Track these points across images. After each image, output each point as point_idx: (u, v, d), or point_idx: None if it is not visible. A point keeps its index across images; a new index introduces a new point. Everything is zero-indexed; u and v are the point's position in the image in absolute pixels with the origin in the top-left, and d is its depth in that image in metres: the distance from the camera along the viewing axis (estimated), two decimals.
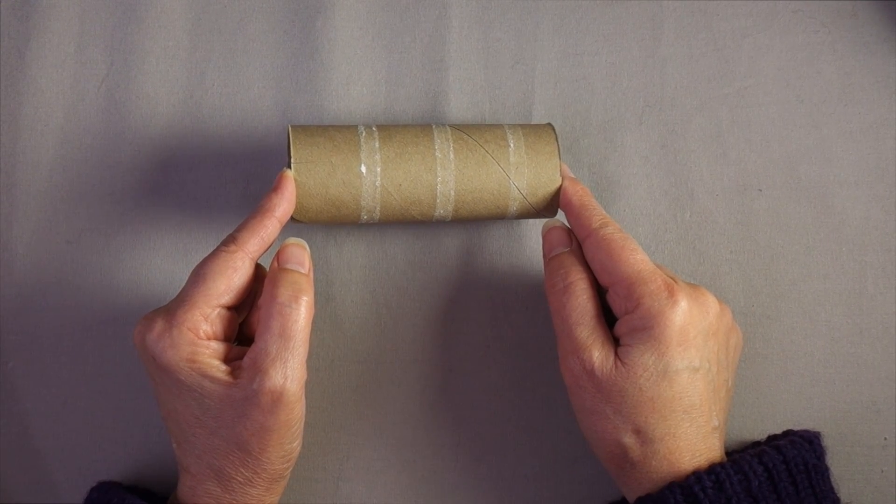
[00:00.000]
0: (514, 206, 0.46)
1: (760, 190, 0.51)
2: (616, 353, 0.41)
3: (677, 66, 0.52)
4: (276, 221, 0.43)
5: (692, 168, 0.51)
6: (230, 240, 0.42)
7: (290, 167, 0.44)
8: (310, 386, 0.49)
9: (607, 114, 0.52)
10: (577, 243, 0.45)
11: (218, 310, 0.41)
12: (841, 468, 0.48)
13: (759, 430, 0.49)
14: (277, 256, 0.43)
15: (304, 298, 0.41)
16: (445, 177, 0.45)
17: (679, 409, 0.41)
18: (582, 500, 0.49)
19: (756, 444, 0.47)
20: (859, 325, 0.50)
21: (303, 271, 0.43)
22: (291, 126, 0.45)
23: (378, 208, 0.45)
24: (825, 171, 0.51)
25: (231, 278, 0.41)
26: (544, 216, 0.47)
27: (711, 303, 0.42)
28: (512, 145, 0.46)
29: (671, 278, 0.42)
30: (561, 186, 0.46)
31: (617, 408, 0.41)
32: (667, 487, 0.40)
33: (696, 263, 0.51)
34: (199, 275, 0.41)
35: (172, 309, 0.41)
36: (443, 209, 0.45)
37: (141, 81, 0.52)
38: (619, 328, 0.42)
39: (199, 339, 0.40)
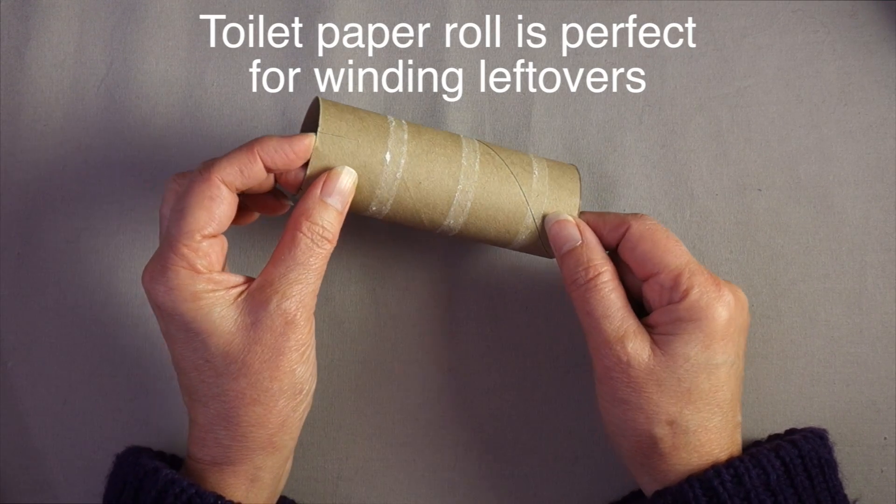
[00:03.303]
0: (523, 235, 0.45)
1: (760, 190, 0.51)
2: (653, 342, 0.41)
3: (677, 65, 0.52)
4: (260, 162, 0.41)
5: (692, 168, 0.51)
6: (204, 165, 0.41)
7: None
8: None
9: (607, 113, 0.52)
10: (591, 232, 0.44)
11: (206, 241, 0.40)
12: (841, 468, 0.48)
13: (760, 429, 0.49)
14: (324, 183, 0.42)
15: (332, 236, 0.41)
16: (467, 186, 0.44)
17: (713, 402, 0.41)
18: (582, 500, 0.49)
19: (757, 443, 0.47)
20: (859, 324, 0.50)
21: (339, 208, 0.42)
22: (322, 97, 0.43)
23: (391, 201, 0.43)
24: (825, 170, 0.51)
25: (210, 209, 0.40)
26: (543, 254, 0.46)
27: (744, 298, 0.43)
28: (536, 173, 0.45)
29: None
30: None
31: (651, 398, 0.41)
32: (685, 481, 0.40)
33: None
34: (178, 210, 0.40)
35: (162, 252, 0.40)
36: (454, 219, 0.44)
37: (140, 81, 0.52)
38: (659, 317, 0.42)
39: (199, 273, 0.40)
